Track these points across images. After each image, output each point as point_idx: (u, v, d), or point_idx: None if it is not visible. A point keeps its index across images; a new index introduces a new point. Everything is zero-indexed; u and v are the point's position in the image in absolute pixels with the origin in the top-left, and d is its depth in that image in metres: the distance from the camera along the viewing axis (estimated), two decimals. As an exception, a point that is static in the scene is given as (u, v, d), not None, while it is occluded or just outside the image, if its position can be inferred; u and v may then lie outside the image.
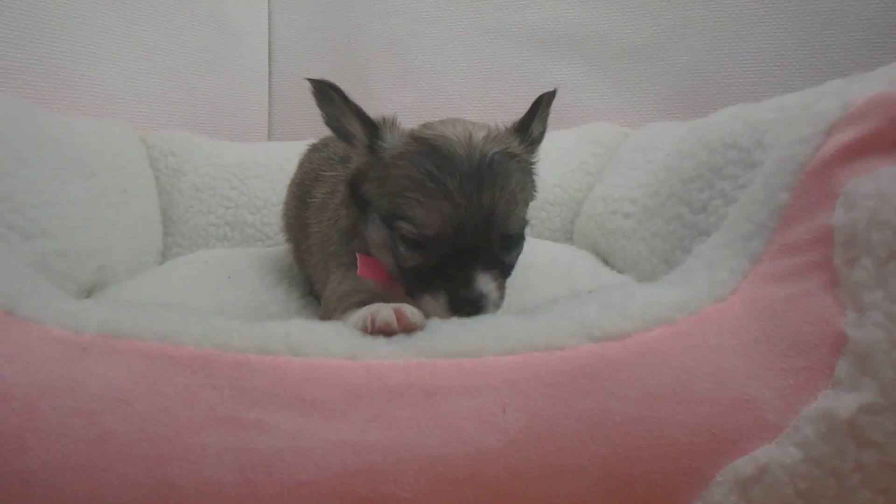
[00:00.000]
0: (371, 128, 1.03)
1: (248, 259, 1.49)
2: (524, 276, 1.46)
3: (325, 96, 1.02)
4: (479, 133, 0.99)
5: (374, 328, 0.81)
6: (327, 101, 1.03)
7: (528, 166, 1.07)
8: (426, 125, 1.05)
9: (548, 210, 2.07)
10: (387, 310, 0.82)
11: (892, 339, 0.77)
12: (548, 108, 1.19)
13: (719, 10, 2.36)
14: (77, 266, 1.26)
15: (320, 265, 1.19)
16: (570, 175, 2.12)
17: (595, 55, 2.46)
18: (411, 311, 0.83)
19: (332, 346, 0.77)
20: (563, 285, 1.42)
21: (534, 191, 1.14)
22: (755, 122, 1.37)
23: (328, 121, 1.05)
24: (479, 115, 1.74)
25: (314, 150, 1.53)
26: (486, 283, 0.95)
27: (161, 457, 0.67)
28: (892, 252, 0.80)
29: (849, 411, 0.77)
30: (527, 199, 1.04)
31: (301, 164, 1.53)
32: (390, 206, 0.97)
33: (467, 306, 0.93)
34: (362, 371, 0.75)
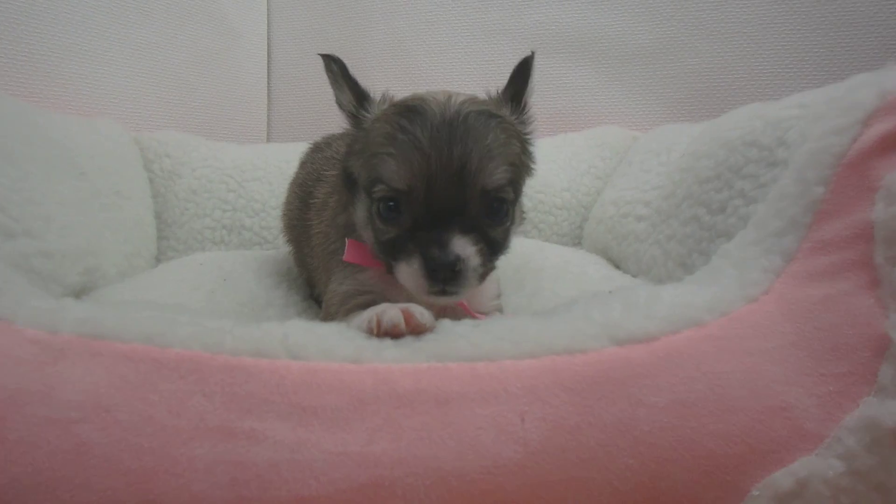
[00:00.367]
0: (360, 98, 1.02)
1: (245, 261, 1.42)
2: (535, 280, 1.40)
3: (332, 70, 1.02)
4: (461, 97, 0.96)
5: (381, 330, 0.75)
6: (334, 77, 1.02)
7: (512, 129, 1.01)
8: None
9: (556, 214, 2.02)
10: (394, 310, 0.76)
11: (943, 341, 0.71)
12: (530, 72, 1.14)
13: (730, 12, 2.31)
14: (63, 268, 1.20)
15: (322, 266, 1.14)
16: (578, 179, 2.08)
17: (603, 57, 2.42)
18: (420, 311, 0.77)
19: (334, 348, 0.71)
20: (575, 289, 1.36)
21: (529, 161, 1.06)
22: (776, 119, 1.32)
23: (338, 99, 1.04)
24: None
25: (316, 149, 1.49)
26: (462, 246, 0.89)
27: (144, 470, 0.60)
28: (941, 248, 0.74)
29: (894, 420, 0.71)
30: (511, 161, 0.96)
31: (303, 164, 1.48)
32: (369, 171, 0.94)
33: (442, 269, 0.87)
34: (368, 376, 0.68)
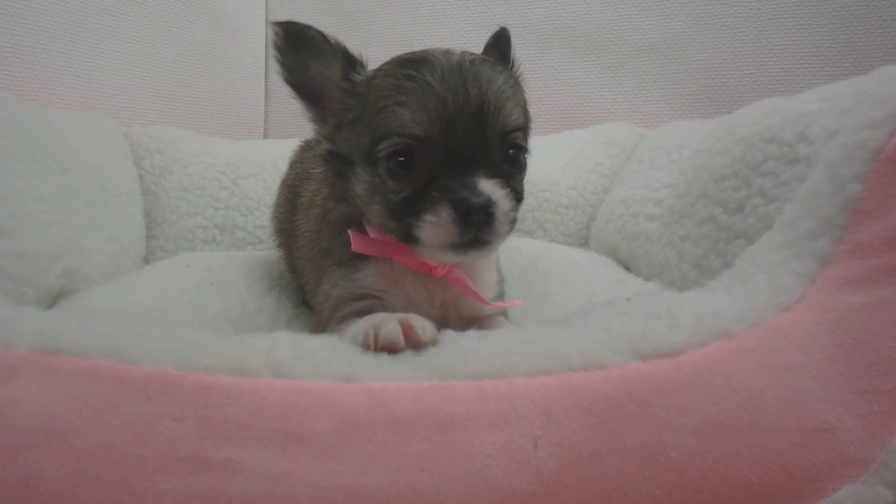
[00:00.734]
0: (352, 63, 0.95)
1: (235, 264, 1.35)
2: (543, 282, 1.33)
3: (295, 41, 0.93)
4: (459, 51, 0.91)
5: (378, 345, 0.67)
6: (297, 46, 0.93)
7: (517, 81, 0.97)
8: None
9: (562, 213, 1.94)
10: (392, 323, 0.69)
11: None
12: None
13: (739, 6, 2.25)
14: (38, 269, 1.12)
15: (311, 267, 1.07)
16: (584, 177, 2.00)
17: (609, 52, 2.35)
18: (422, 324, 0.70)
19: (324, 365, 0.63)
20: (585, 292, 1.29)
21: (529, 116, 1.01)
22: (797, 114, 1.25)
23: (291, 75, 0.94)
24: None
25: (307, 148, 1.41)
26: (492, 189, 0.82)
27: (105, 506, 0.53)
28: None
29: (948, 443, 0.64)
30: (522, 106, 0.93)
31: (292, 164, 1.40)
32: (372, 131, 0.87)
33: (476, 212, 0.80)
34: (362, 397, 0.61)
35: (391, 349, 0.67)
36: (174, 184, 1.78)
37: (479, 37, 1.10)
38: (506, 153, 0.89)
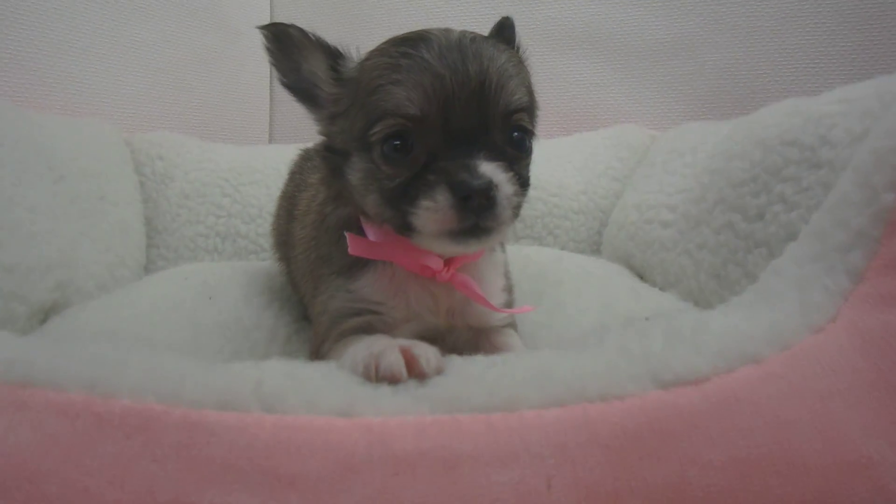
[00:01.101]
0: (334, 55, 0.91)
1: (234, 275, 1.30)
2: (554, 293, 1.27)
3: (282, 43, 0.90)
4: (459, 30, 0.87)
5: (378, 377, 0.62)
6: (285, 47, 0.91)
7: (521, 60, 0.92)
8: None
9: (572, 219, 1.88)
10: (394, 353, 0.64)
11: None
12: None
13: (752, 5, 2.19)
14: (28, 283, 1.08)
15: (309, 275, 1.02)
16: (595, 181, 1.95)
17: (620, 53, 2.30)
18: (426, 353, 0.65)
19: (319, 397, 0.58)
20: (599, 303, 1.23)
21: (535, 98, 0.96)
22: (818, 116, 1.19)
23: (286, 76, 0.92)
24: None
25: (306, 158, 1.36)
26: (493, 171, 0.77)
27: (78, 557, 0.48)
28: None
29: None
30: (527, 86, 0.88)
31: (291, 174, 1.35)
32: (366, 114, 0.82)
33: (477, 195, 0.74)
34: (360, 434, 0.56)
35: (392, 381, 0.62)
36: (175, 191, 1.75)
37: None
38: (509, 135, 0.83)
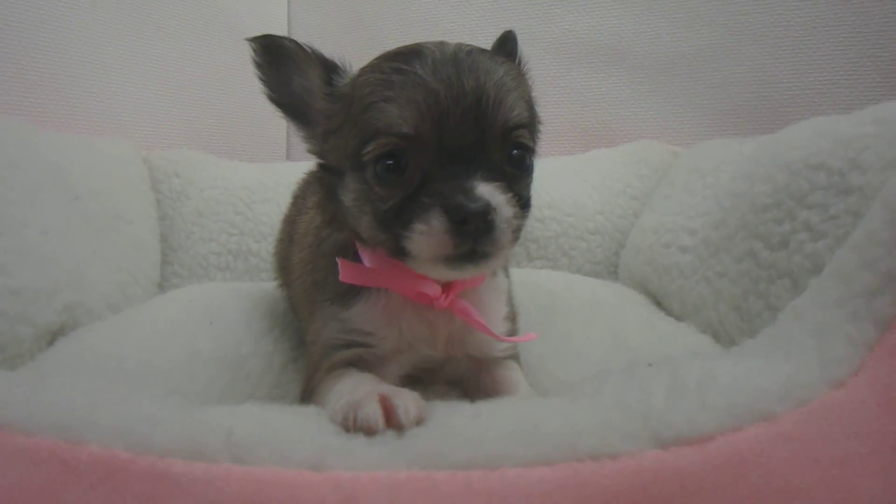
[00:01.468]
0: (330, 69, 0.88)
1: (238, 298, 1.29)
2: (563, 323, 1.23)
3: (273, 56, 0.88)
4: (455, 42, 0.84)
5: (356, 427, 0.60)
6: (276, 61, 0.88)
7: (520, 73, 0.89)
8: None
9: (588, 240, 1.82)
10: (372, 404, 0.61)
11: None
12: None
13: (779, 14, 2.08)
14: (35, 306, 1.08)
15: (305, 300, 1.00)
16: (613, 200, 1.88)
17: (640, 66, 2.22)
18: (405, 404, 0.61)
19: (290, 448, 0.56)
20: (609, 335, 1.18)
21: (537, 119, 0.92)
22: (848, 138, 1.13)
23: (275, 92, 0.89)
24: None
25: (309, 181, 1.33)
26: (491, 193, 0.73)
27: None
28: None
29: None
30: (527, 100, 0.84)
31: (295, 198, 1.33)
32: (358, 132, 0.79)
33: (472, 219, 0.71)
34: (329, 489, 0.53)
35: (369, 433, 0.59)
36: (190, 209, 1.76)
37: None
38: (508, 153, 0.80)
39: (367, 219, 0.80)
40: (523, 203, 0.82)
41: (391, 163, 0.76)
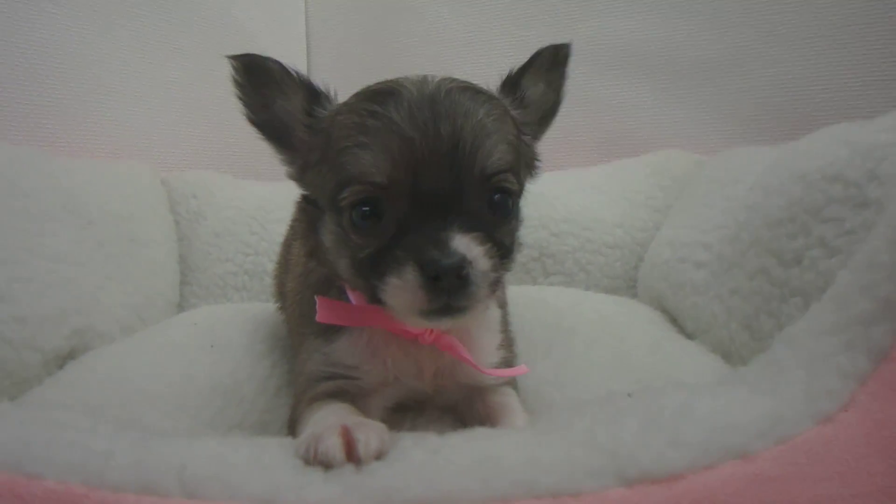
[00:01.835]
0: (315, 97, 0.86)
1: (243, 321, 1.30)
2: (566, 343, 1.19)
3: (255, 76, 0.86)
4: (439, 77, 0.81)
5: (316, 460, 0.59)
6: (258, 81, 0.86)
7: (503, 107, 0.85)
8: None
9: (606, 254, 1.77)
10: (332, 438, 0.60)
11: None
12: (554, 64, 1.00)
13: (811, 14, 1.96)
14: (42, 332, 1.12)
15: (295, 331, 1.00)
16: (633, 212, 1.82)
17: (663, 72, 2.15)
18: (366, 437, 0.60)
19: (242, 484, 0.55)
20: (613, 356, 1.14)
21: (529, 153, 0.88)
22: (867, 146, 1.07)
23: (254, 112, 0.88)
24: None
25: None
26: (466, 245, 0.71)
27: None
28: None
29: None
30: (510, 142, 0.80)
31: (292, 222, 1.31)
32: (335, 175, 0.77)
33: (446, 275, 0.69)
34: (276, 527, 0.52)
35: (328, 466, 0.58)
36: (207, 229, 1.79)
37: (520, 60, 1.02)
38: (489, 199, 0.77)
39: (345, 262, 0.80)
40: (505, 250, 0.79)
41: (367, 209, 0.75)
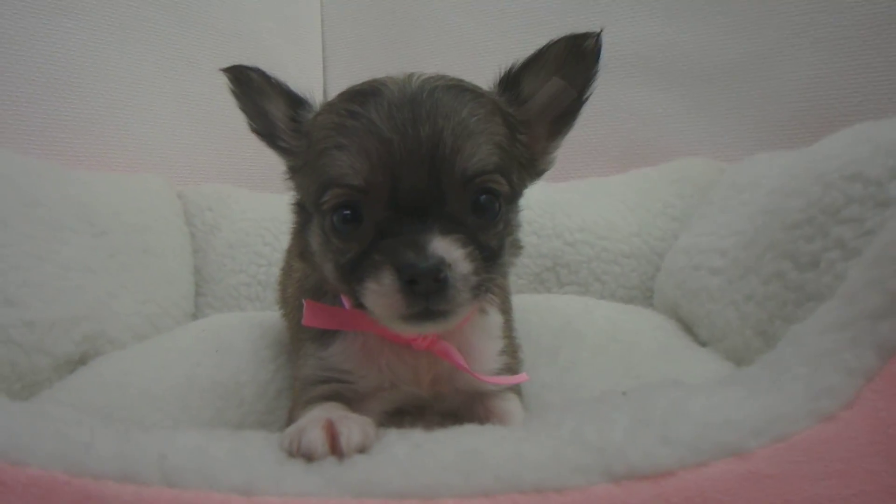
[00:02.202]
0: (296, 103, 0.87)
1: (250, 328, 1.31)
2: (573, 350, 1.17)
3: (245, 87, 0.88)
4: (425, 74, 0.79)
5: (299, 452, 0.59)
6: (249, 91, 0.88)
7: (493, 105, 0.81)
8: None
9: (622, 264, 1.73)
10: (315, 430, 0.60)
11: None
12: (576, 57, 0.90)
13: (840, 13, 1.88)
14: (51, 337, 1.15)
15: (294, 337, 1.00)
16: (650, 221, 1.78)
17: (682, 78, 2.09)
18: (349, 430, 0.60)
19: (221, 473, 0.55)
20: (621, 364, 1.11)
21: (523, 151, 0.85)
22: (888, 143, 1.03)
23: (254, 121, 0.90)
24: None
25: None
26: (445, 248, 0.69)
27: None
28: None
29: None
30: (497, 142, 0.77)
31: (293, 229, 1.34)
32: (316, 179, 0.77)
33: (422, 278, 0.67)
34: (251, 517, 0.52)
35: (310, 458, 0.58)
36: (221, 241, 1.82)
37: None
38: (473, 201, 0.75)
39: (330, 267, 0.80)
40: (491, 254, 0.77)
41: (348, 213, 0.74)
